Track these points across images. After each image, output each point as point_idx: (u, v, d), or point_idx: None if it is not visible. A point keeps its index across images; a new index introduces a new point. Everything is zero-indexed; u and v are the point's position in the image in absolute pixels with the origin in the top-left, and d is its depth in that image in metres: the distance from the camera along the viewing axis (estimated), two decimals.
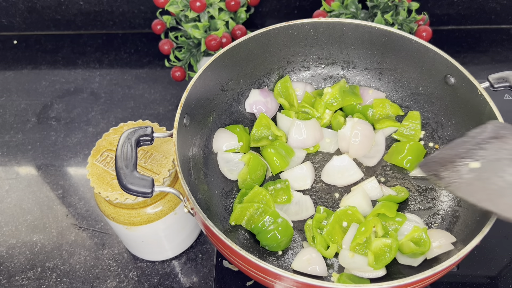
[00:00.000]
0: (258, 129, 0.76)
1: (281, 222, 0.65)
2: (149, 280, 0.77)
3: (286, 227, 0.66)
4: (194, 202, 0.57)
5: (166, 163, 0.67)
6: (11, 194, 0.89)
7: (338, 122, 0.78)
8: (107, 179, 0.66)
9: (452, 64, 0.71)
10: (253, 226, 0.67)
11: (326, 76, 0.84)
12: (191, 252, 0.80)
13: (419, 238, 0.64)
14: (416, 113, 0.77)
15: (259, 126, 0.76)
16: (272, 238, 0.65)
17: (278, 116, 0.79)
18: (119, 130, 0.71)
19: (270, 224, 0.65)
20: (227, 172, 0.73)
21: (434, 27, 1.10)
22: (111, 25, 1.16)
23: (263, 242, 0.66)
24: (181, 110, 0.65)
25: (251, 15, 1.10)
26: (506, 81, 0.68)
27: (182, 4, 0.92)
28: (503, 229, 0.77)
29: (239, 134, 0.75)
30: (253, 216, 0.67)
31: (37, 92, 1.06)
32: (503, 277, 0.73)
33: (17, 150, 0.96)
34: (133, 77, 1.08)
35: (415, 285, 0.54)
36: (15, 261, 0.80)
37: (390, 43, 0.77)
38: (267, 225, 0.65)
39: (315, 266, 0.64)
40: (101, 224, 0.84)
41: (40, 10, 1.13)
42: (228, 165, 0.74)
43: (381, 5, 0.91)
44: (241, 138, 0.75)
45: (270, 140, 0.77)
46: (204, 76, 0.71)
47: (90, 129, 0.99)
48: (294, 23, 0.77)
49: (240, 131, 0.76)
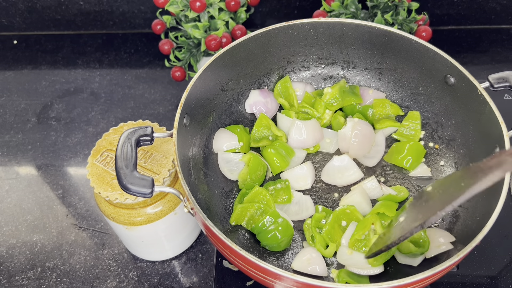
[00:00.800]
0: (258, 129, 0.76)
1: (282, 222, 0.65)
2: (149, 280, 0.77)
3: (286, 227, 0.66)
4: (194, 202, 0.57)
5: (166, 163, 0.67)
6: (11, 194, 0.89)
7: (338, 122, 0.78)
8: (107, 179, 0.66)
9: (452, 64, 0.71)
10: (254, 226, 0.67)
11: (326, 76, 0.84)
12: (191, 252, 0.80)
13: (418, 238, 0.64)
14: (416, 113, 0.78)
15: (259, 126, 0.76)
16: (272, 238, 0.65)
17: (278, 116, 0.79)
18: (119, 130, 0.71)
19: (271, 224, 0.65)
20: (227, 172, 0.73)
21: (434, 27, 1.10)
22: (111, 25, 1.17)
23: (263, 242, 0.66)
24: (181, 110, 0.65)
25: (251, 15, 1.10)
26: (506, 81, 0.68)
27: (182, 4, 0.92)
28: (503, 229, 0.77)
29: (239, 134, 0.75)
30: (254, 216, 0.67)
31: (37, 92, 1.07)
32: (503, 277, 0.73)
33: (17, 150, 0.96)
34: (133, 77, 1.08)
35: (415, 285, 0.54)
36: (15, 261, 0.80)
37: (390, 43, 0.77)
38: (268, 225, 0.65)
39: (315, 266, 0.64)
40: (101, 224, 0.84)
41: (40, 10, 1.13)
42: (228, 165, 0.74)
43: (381, 5, 0.91)
44: (241, 138, 0.75)
45: (270, 140, 0.77)
46: (204, 76, 0.71)
47: (90, 129, 0.99)
48: (294, 23, 0.77)
49: (240, 131, 0.76)
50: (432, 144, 0.77)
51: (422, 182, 0.74)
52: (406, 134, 0.77)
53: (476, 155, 0.69)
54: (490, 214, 0.56)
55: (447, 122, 0.76)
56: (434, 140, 0.77)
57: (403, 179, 0.74)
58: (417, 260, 0.64)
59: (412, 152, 0.74)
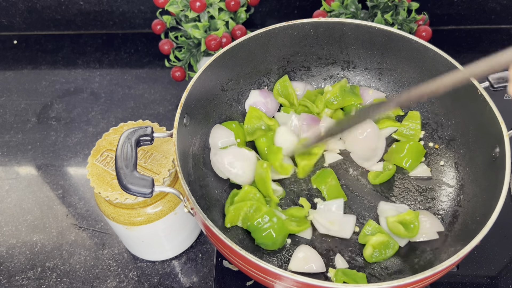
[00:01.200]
0: (250, 121, 0.76)
1: (277, 221, 0.66)
2: (149, 280, 0.77)
3: (281, 226, 0.66)
4: (194, 202, 0.57)
5: (166, 163, 0.67)
6: (11, 194, 0.89)
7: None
8: (107, 179, 0.66)
9: (452, 64, 0.71)
10: (249, 224, 0.67)
11: (326, 76, 0.84)
12: (191, 252, 0.80)
13: (410, 222, 0.66)
14: (416, 113, 0.78)
15: (250, 118, 0.76)
16: (267, 236, 0.65)
17: (276, 116, 0.79)
18: (119, 130, 0.71)
19: (266, 222, 0.66)
20: (217, 170, 0.73)
21: (434, 27, 1.10)
22: (111, 25, 1.17)
23: (258, 240, 0.67)
24: (181, 110, 0.65)
25: (251, 15, 1.10)
26: (506, 81, 0.68)
27: (182, 4, 0.92)
28: (503, 229, 0.77)
29: (235, 130, 0.75)
30: (247, 214, 0.67)
31: (37, 92, 1.07)
32: (503, 277, 0.73)
33: (17, 150, 0.96)
34: (133, 77, 1.08)
35: (415, 285, 0.54)
36: (15, 261, 0.80)
37: (390, 43, 0.77)
38: (263, 223, 0.66)
39: (311, 265, 0.64)
40: (101, 224, 0.84)
41: (40, 10, 1.13)
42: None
43: (381, 5, 0.91)
44: (237, 135, 0.75)
45: (264, 130, 0.76)
46: (204, 76, 0.71)
47: (90, 129, 0.99)
48: (294, 23, 0.77)
49: (236, 127, 0.76)
50: (432, 144, 0.77)
51: (422, 182, 0.74)
52: (406, 134, 0.77)
53: (476, 155, 0.69)
54: (490, 214, 0.56)
55: (447, 122, 0.76)
56: (434, 140, 0.77)
57: (403, 179, 0.74)
58: (403, 242, 0.67)
59: (412, 152, 0.74)
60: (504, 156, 0.61)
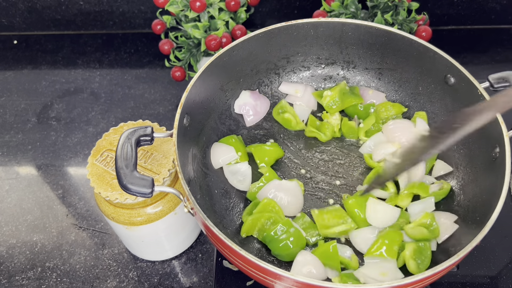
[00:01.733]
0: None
1: (294, 232, 0.64)
2: (149, 280, 0.77)
3: (298, 237, 0.65)
4: (194, 202, 0.57)
5: (166, 163, 0.67)
6: (11, 194, 0.89)
7: (350, 126, 0.78)
8: (107, 179, 0.66)
9: (452, 64, 0.71)
10: (265, 235, 0.65)
11: (326, 76, 0.84)
12: (191, 252, 0.80)
13: (429, 225, 0.64)
14: (423, 114, 0.77)
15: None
16: (284, 247, 0.64)
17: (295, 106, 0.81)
18: (119, 130, 0.71)
19: (283, 233, 0.64)
20: (237, 184, 0.73)
21: (434, 27, 1.10)
22: (111, 25, 1.17)
23: (274, 251, 0.65)
24: (181, 110, 0.65)
25: (251, 15, 1.10)
26: (506, 81, 0.68)
27: (182, 4, 0.92)
28: (503, 229, 0.77)
29: (234, 145, 0.74)
30: (264, 226, 0.66)
31: (37, 92, 1.07)
32: (503, 277, 0.73)
33: (17, 150, 0.96)
34: (133, 77, 1.08)
35: (415, 285, 0.54)
36: (15, 261, 0.80)
37: (390, 43, 0.77)
38: (280, 233, 0.64)
39: (310, 267, 0.63)
40: (101, 224, 0.84)
41: (40, 10, 1.13)
42: (235, 176, 0.73)
43: (381, 5, 0.91)
44: (237, 148, 0.74)
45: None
46: (204, 76, 0.71)
47: (90, 129, 0.99)
48: (294, 23, 0.77)
49: (235, 141, 0.74)
50: None
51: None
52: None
53: (476, 155, 0.69)
54: (490, 214, 0.56)
55: None
56: None
57: None
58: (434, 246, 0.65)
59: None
60: (504, 156, 0.61)
